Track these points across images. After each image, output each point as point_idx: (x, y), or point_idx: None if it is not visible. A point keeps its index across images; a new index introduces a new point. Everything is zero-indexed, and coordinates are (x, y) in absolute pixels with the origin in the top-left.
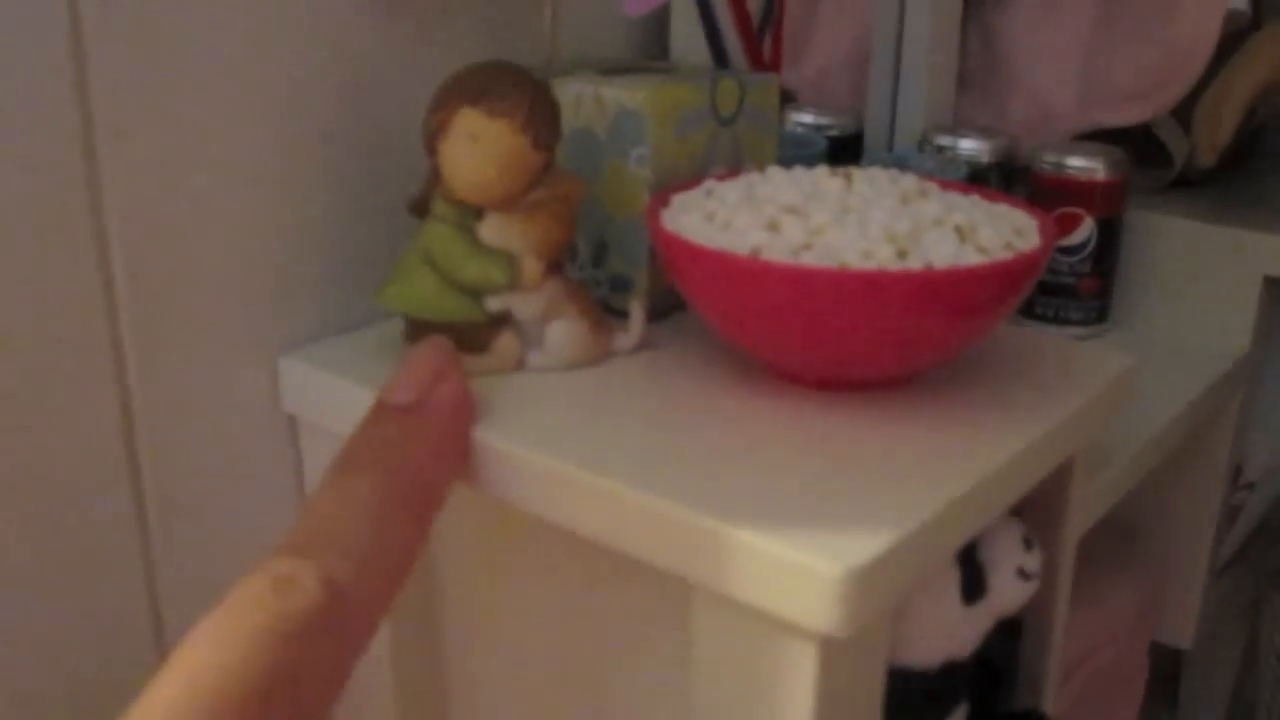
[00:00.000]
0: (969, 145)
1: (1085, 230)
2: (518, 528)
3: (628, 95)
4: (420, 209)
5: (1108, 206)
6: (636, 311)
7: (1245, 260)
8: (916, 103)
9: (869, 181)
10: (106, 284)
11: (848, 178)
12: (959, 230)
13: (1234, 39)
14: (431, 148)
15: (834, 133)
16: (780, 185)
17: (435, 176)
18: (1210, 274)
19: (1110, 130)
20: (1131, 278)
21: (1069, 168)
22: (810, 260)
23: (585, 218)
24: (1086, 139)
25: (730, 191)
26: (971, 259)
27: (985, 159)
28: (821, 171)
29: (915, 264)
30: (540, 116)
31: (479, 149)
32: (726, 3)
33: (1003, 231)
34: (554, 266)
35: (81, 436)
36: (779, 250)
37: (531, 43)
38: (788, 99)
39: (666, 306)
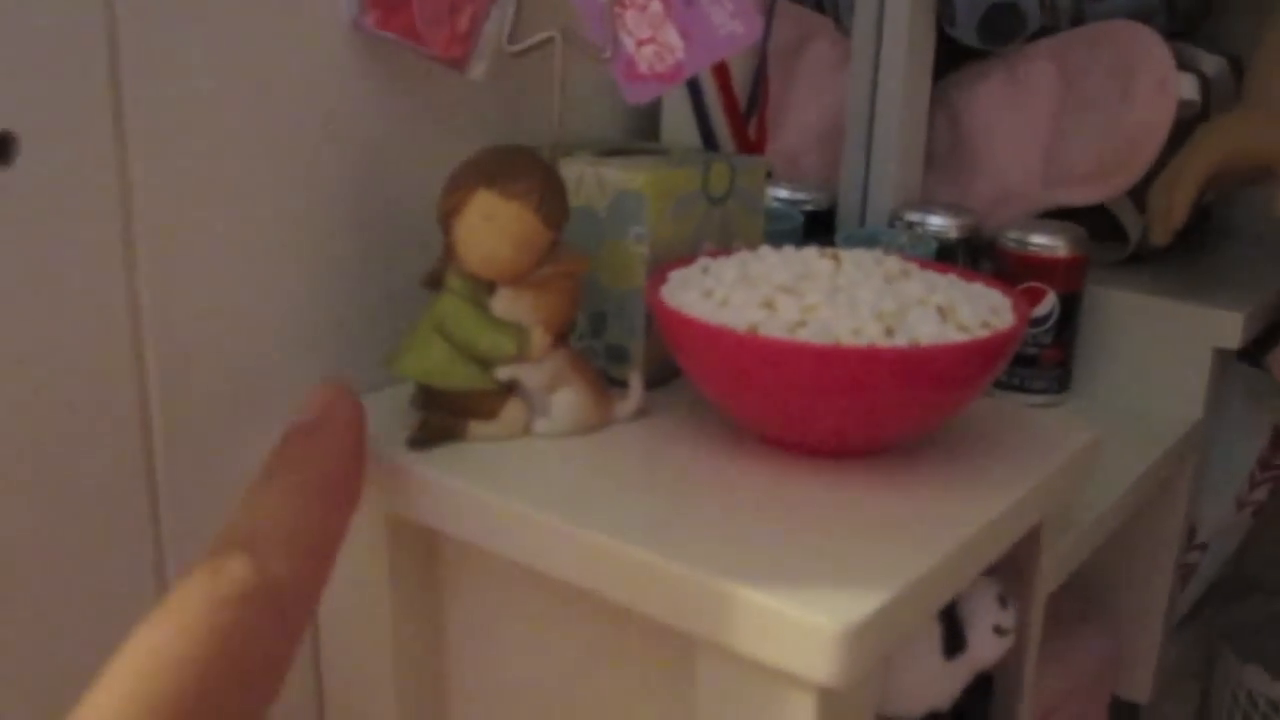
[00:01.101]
0: (938, 222)
1: (1048, 304)
2: (526, 586)
3: (628, 177)
4: (434, 283)
5: (1069, 282)
6: (636, 381)
7: (1196, 333)
8: (887, 181)
9: (855, 263)
10: (138, 358)
11: (835, 259)
12: (940, 310)
13: (1186, 126)
14: (447, 226)
15: (809, 207)
16: (773, 265)
17: (449, 252)
18: (1164, 346)
19: (1070, 208)
20: (1091, 349)
21: (1032, 245)
22: (805, 337)
23: (584, 290)
24: (1047, 217)
25: (726, 270)
26: (953, 337)
27: (953, 235)
28: (811, 252)
29: (902, 341)
30: (551, 198)
31: (494, 228)
32: (715, 89)
33: (980, 310)
34: (559, 338)
35: (110, 508)
36: (775, 327)
37: (537, 125)
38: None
39: (662, 375)
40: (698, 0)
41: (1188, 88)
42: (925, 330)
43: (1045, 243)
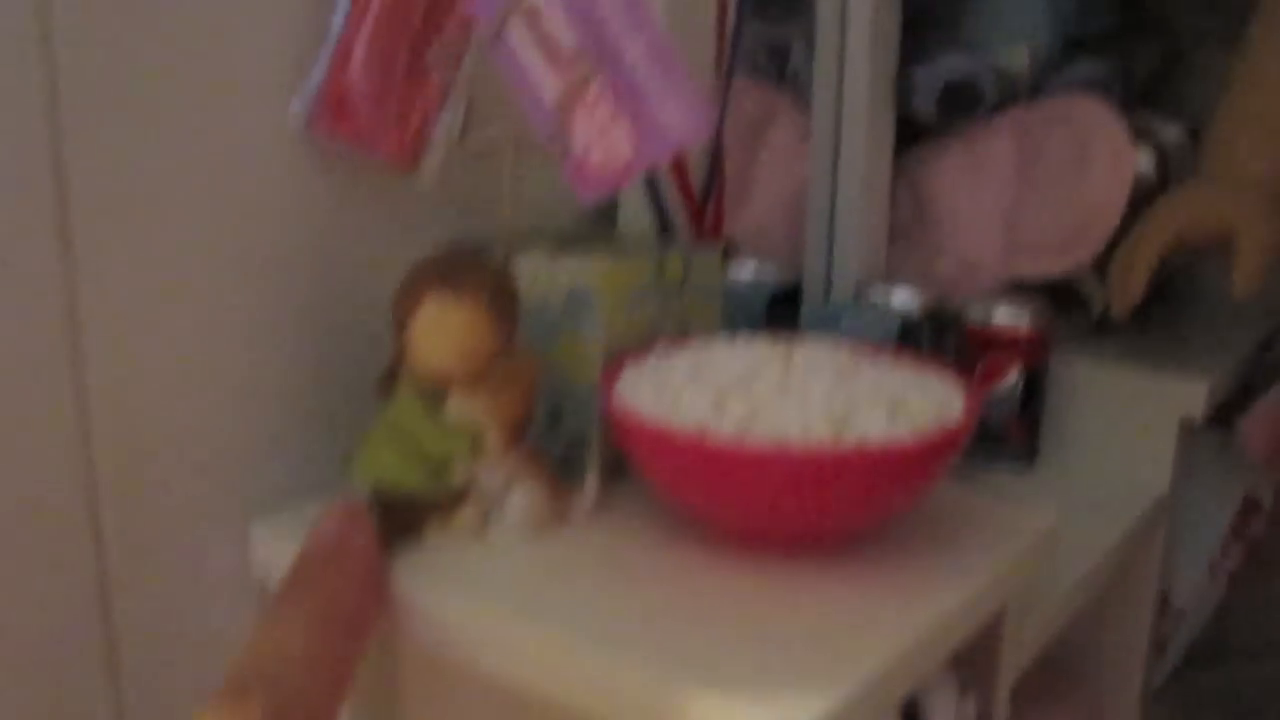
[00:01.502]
0: (902, 299)
1: (1013, 379)
2: (481, 687)
3: (581, 274)
4: (387, 386)
5: (1033, 356)
6: (591, 480)
7: (1162, 404)
8: (850, 256)
9: (808, 356)
10: (87, 461)
11: (788, 352)
12: (891, 405)
13: (1144, 198)
14: (399, 327)
15: (773, 285)
16: (725, 360)
17: (402, 354)
18: (1130, 417)
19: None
20: (1057, 421)
21: (996, 321)
22: (753, 437)
23: (541, 384)
24: (1011, 289)
25: (678, 365)
26: (902, 433)
27: (916, 313)
28: (763, 345)
29: (850, 439)
30: (501, 299)
31: (445, 331)
32: (670, 175)
33: (931, 403)
34: (514, 437)
35: (59, 609)
36: (724, 426)
37: (490, 220)
38: (728, 249)
39: (620, 466)
40: (647, 97)
41: (1144, 162)
42: (873, 427)
43: (1008, 318)
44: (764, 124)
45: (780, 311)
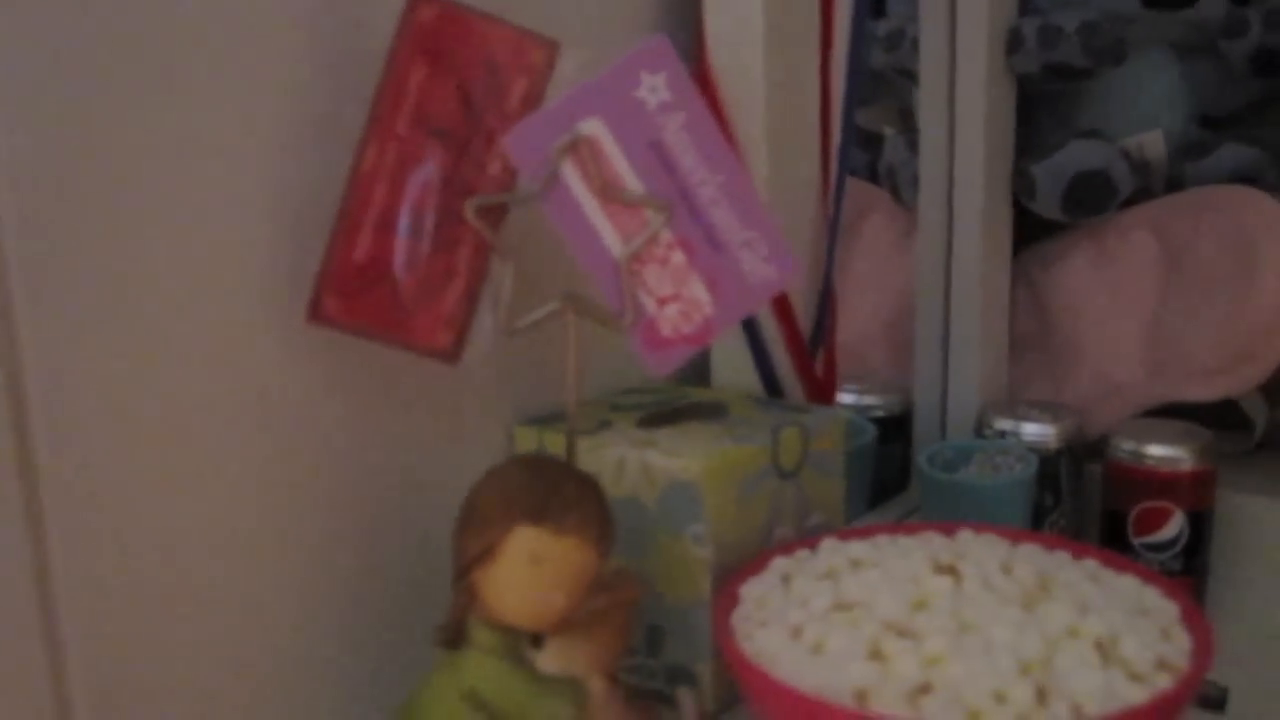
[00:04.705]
0: (1034, 431)
1: (1175, 525)
2: None
3: (680, 465)
4: (454, 639)
5: (1197, 498)
6: (687, 704)
7: None
8: (969, 377)
9: (980, 578)
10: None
11: (954, 573)
12: (1100, 647)
13: None
14: (466, 568)
15: (879, 414)
16: (875, 585)
17: (469, 599)
18: None
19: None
20: (1226, 567)
21: (1150, 457)
22: (932, 710)
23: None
24: (1159, 410)
25: (814, 590)
26: (1121, 689)
27: (1053, 444)
28: (922, 564)
29: (1060, 708)
30: (608, 523)
31: (544, 572)
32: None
33: (1149, 640)
34: (616, 680)
35: None
36: (890, 695)
37: (545, 397)
38: None
39: (732, 699)
40: (726, 245)
41: None
42: (1085, 685)
43: (1166, 454)
44: (858, 222)
45: (891, 448)
